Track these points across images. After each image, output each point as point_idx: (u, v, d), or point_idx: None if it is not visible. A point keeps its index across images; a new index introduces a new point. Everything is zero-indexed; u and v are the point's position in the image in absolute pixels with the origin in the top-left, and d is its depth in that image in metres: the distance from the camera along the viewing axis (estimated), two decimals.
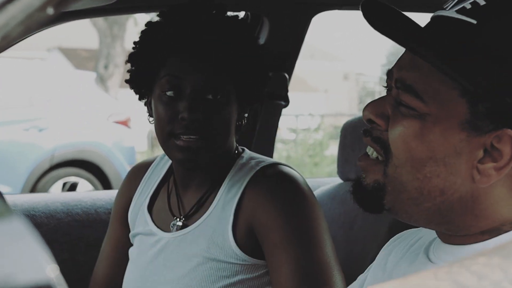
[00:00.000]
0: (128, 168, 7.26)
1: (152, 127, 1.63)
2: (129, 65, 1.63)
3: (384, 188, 1.07)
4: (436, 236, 1.13)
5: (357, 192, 1.11)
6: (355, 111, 23.36)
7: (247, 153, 1.67)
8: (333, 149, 12.24)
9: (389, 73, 1.11)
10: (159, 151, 1.74)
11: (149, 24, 1.61)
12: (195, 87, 1.53)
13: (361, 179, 1.10)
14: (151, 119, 1.65)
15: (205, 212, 1.60)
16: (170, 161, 1.73)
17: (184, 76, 1.54)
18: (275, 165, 1.60)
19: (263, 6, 2.24)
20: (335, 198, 2.14)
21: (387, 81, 1.12)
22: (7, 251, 0.44)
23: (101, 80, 12.98)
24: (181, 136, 1.53)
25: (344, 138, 2.16)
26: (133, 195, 1.77)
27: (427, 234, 1.19)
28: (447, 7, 1.04)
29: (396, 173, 1.05)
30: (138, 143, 11.54)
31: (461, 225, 1.04)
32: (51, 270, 0.43)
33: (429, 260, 1.10)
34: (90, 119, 7.40)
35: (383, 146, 1.07)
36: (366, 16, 1.06)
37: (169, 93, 1.55)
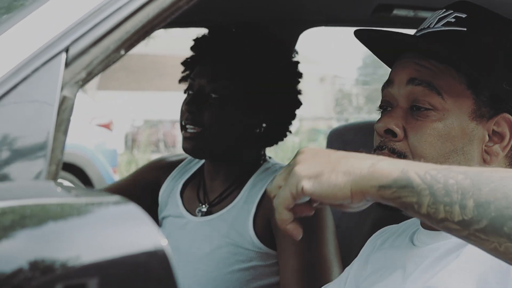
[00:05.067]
0: (111, 171, 7.23)
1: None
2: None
3: None
4: (418, 227, 1.31)
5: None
6: (332, 114, 23.58)
7: (273, 160, 1.94)
8: None
9: (389, 90, 1.26)
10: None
11: (194, 41, 1.94)
12: (199, 87, 1.83)
13: None
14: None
15: (229, 204, 1.84)
16: (201, 162, 2.00)
17: (195, 78, 1.85)
18: None
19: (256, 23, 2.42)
20: None
21: (387, 99, 1.26)
22: (129, 227, 0.64)
23: None
24: (186, 127, 1.82)
25: (330, 144, 2.36)
26: (162, 179, 2.01)
27: (410, 227, 1.37)
28: (429, 26, 1.26)
29: None
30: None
31: None
32: (163, 240, 0.63)
33: (413, 244, 1.28)
34: (73, 122, 7.48)
35: (401, 155, 1.20)
36: (370, 38, 1.25)
37: (188, 91, 1.87)
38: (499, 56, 1.22)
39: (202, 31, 1.98)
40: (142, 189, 2.03)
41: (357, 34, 1.29)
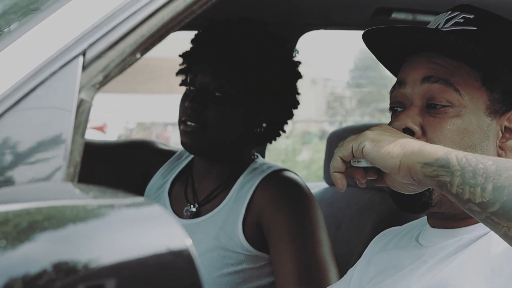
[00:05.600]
0: None
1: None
2: None
3: None
4: (423, 227, 1.33)
5: (402, 197, 1.21)
6: (324, 117, 23.58)
7: (261, 159, 1.92)
8: (305, 155, 12.46)
9: (401, 91, 1.27)
10: None
11: (195, 35, 1.92)
12: (202, 84, 1.80)
13: None
14: None
15: (218, 205, 1.82)
16: (189, 158, 1.98)
17: (198, 74, 1.82)
18: (284, 170, 1.85)
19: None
20: (323, 201, 2.36)
21: (398, 99, 1.28)
22: (154, 227, 0.65)
23: None
24: (185, 122, 1.78)
25: (330, 147, 2.38)
26: (153, 170, 1.99)
27: (414, 229, 1.38)
28: (437, 26, 1.27)
29: None
30: None
31: None
32: (187, 240, 0.64)
33: (420, 244, 1.30)
34: None
35: None
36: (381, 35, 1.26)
37: (189, 87, 1.84)
38: (508, 54, 1.26)
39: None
40: (130, 161, 2.01)
41: (369, 32, 1.29)
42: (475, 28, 1.25)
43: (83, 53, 0.85)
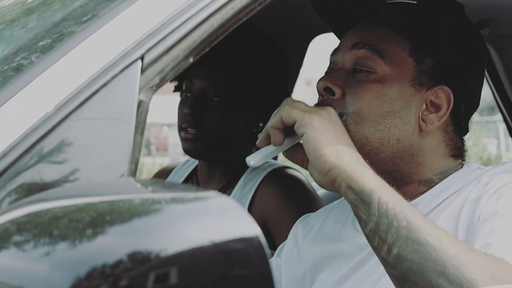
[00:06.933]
0: None
1: None
2: None
3: None
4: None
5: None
6: None
7: None
8: None
9: (334, 57, 1.31)
10: None
11: None
12: (200, 90, 1.83)
13: None
14: None
15: None
16: (193, 165, 2.02)
17: (194, 80, 1.85)
18: (285, 168, 1.88)
19: (266, 31, 2.49)
20: (329, 200, 2.40)
21: (331, 65, 1.32)
22: (225, 216, 0.71)
23: None
24: (186, 129, 1.82)
25: None
26: None
27: (339, 211, 1.38)
28: None
29: (358, 128, 1.22)
30: None
31: (406, 172, 1.27)
32: (257, 229, 0.70)
33: (357, 231, 1.27)
34: None
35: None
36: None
37: (185, 94, 1.86)
38: (442, 31, 1.29)
39: None
40: None
41: (315, 4, 1.34)
42: (415, 2, 1.28)
43: (142, 58, 0.91)
